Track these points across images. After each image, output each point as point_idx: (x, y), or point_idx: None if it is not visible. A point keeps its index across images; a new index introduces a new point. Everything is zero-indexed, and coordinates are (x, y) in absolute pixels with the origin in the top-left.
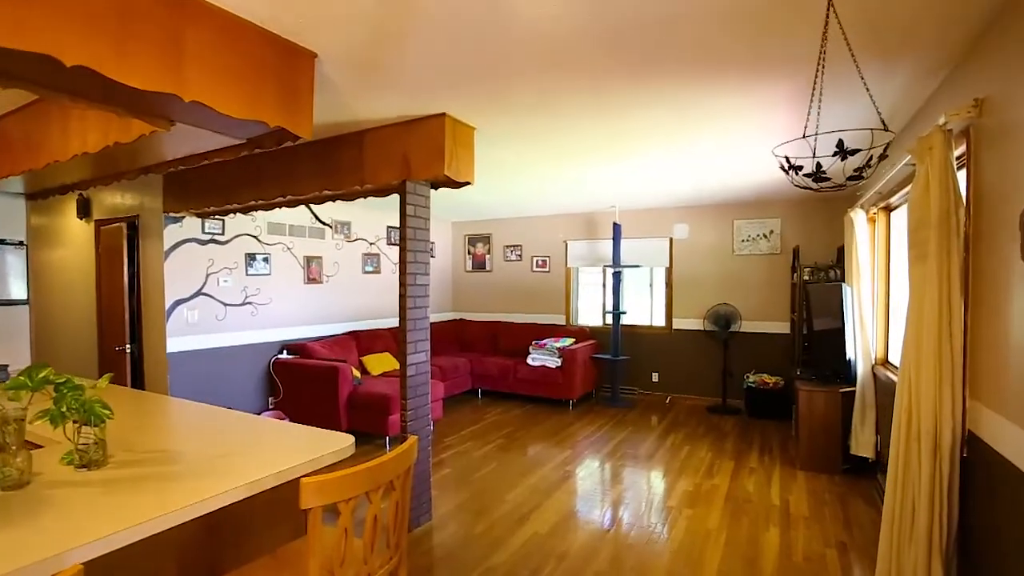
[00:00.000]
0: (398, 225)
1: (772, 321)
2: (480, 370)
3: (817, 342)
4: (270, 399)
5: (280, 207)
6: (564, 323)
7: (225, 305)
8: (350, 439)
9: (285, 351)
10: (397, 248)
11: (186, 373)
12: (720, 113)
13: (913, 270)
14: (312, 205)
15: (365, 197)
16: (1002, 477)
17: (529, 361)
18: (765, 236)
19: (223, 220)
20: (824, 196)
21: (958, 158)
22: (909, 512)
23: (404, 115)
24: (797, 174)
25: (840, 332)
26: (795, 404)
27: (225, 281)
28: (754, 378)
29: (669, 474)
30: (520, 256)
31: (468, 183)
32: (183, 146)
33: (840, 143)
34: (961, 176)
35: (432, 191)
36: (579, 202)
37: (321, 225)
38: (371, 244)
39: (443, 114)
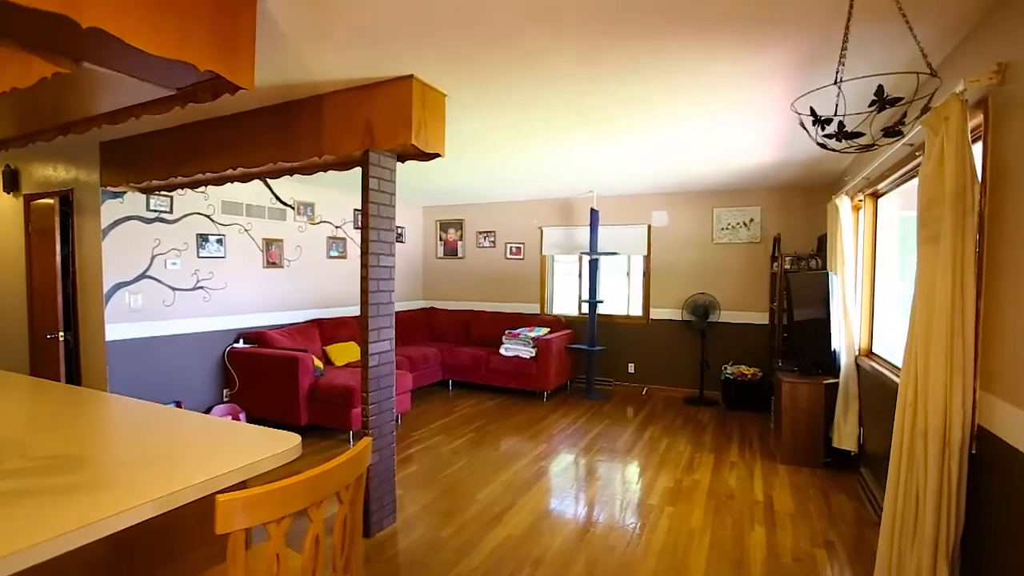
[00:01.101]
0: None
1: (751, 311)
2: (451, 361)
3: (798, 333)
4: (225, 391)
5: (232, 182)
6: (539, 312)
7: (174, 289)
8: (295, 439)
9: (241, 340)
10: None
11: (129, 363)
12: (710, 83)
13: (923, 252)
14: (270, 182)
15: (325, 171)
16: (1020, 473)
17: (502, 351)
18: (745, 224)
19: (171, 197)
20: (805, 184)
21: (972, 131)
22: (912, 513)
23: (367, 77)
24: (824, 129)
25: (822, 322)
26: (774, 396)
27: (174, 264)
28: (732, 369)
29: (648, 469)
30: (494, 243)
31: (438, 155)
32: (102, 97)
33: (880, 90)
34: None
35: (399, 164)
36: (556, 187)
37: (282, 206)
38: (337, 228)
39: (410, 76)
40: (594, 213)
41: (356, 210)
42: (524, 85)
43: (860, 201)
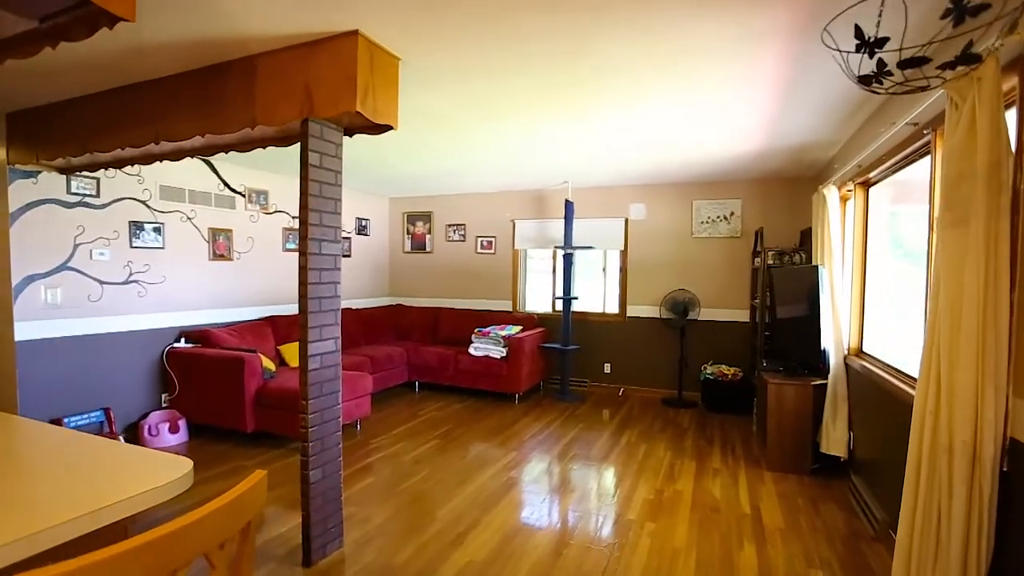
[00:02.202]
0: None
1: (731, 308)
2: (418, 360)
3: (782, 331)
4: (164, 396)
5: (160, 160)
6: (511, 310)
7: (102, 283)
8: (185, 466)
9: (183, 339)
10: None
11: (45, 366)
12: (696, 49)
13: (946, 238)
14: (217, 167)
15: (264, 147)
16: None
17: (471, 351)
18: (725, 218)
19: (96, 179)
20: (788, 175)
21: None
22: (933, 535)
23: (305, 32)
24: (875, 53)
25: (808, 320)
26: (757, 397)
27: (101, 254)
28: (712, 369)
29: (626, 479)
30: (463, 236)
31: (390, 127)
32: None
33: None
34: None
35: (349, 140)
36: (528, 177)
37: (231, 193)
38: (294, 218)
39: (355, 32)
40: (569, 205)
41: None
42: (489, 51)
43: (849, 191)
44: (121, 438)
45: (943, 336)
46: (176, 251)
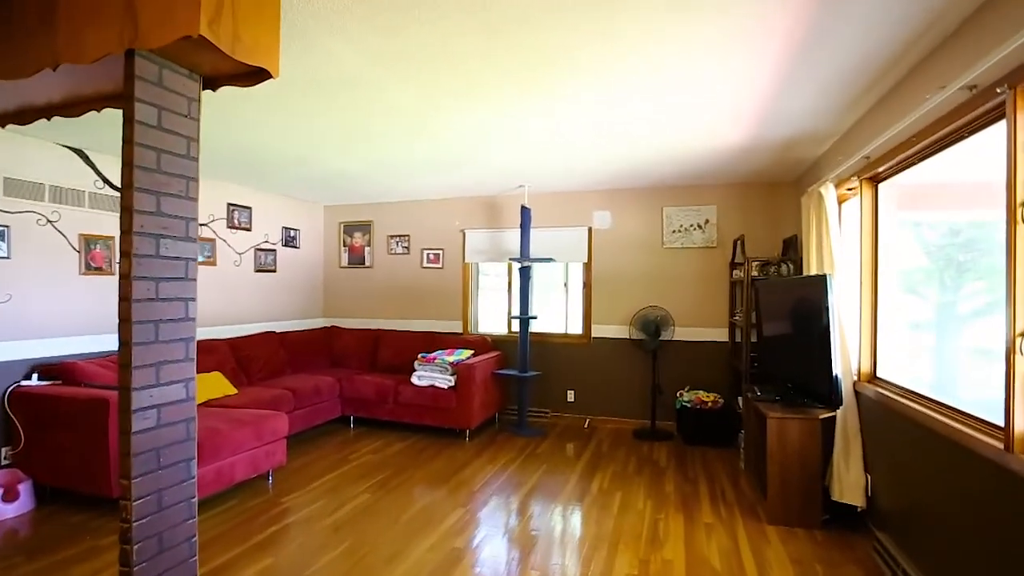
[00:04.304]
0: (243, 203)
1: (708, 327)
2: (352, 392)
3: (770, 352)
4: (4, 451)
5: None
6: (461, 331)
7: None
8: None
9: (35, 375)
10: (241, 232)
11: None
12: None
13: None
14: (92, 158)
15: (100, 108)
16: None
17: (414, 380)
18: (699, 226)
19: None
20: (768, 179)
21: None
22: None
23: None
24: None
25: (806, 339)
26: (745, 429)
27: None
28: (689, 396)
29: (602, 546)
30: (407, 248)
31: (265, 72)
32: None
33: None
34: None
35: (213, 95)
36: (480, 181)
37: (112, 191)
38: (202, 225)
39: None
40: (525, 212)
41: (232, 205)
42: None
43: (850, 190)
44: None
45: None
46: (27, 261)
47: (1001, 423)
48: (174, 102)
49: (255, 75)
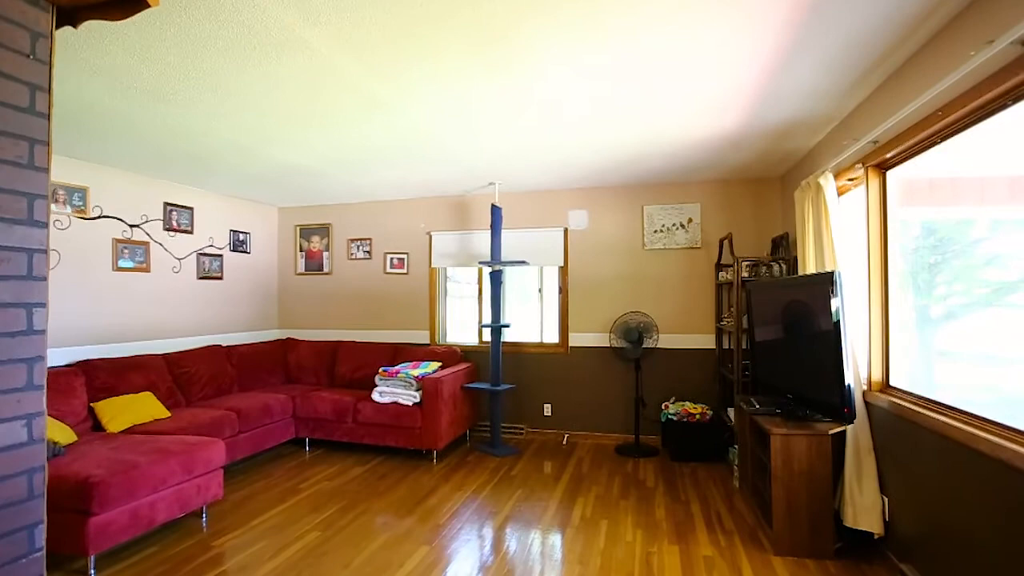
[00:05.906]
0: (183, 203)
1: (694, 333)
2: (307, 411)
3: (764, 359)
4: None
5: None
6: (428, 342)
7: None
8: None
9: None
10: (181, 235)
11: None
12: None
13: None
14: None
15: None
16: None
17: (375, 396)
18: (682, 225)
19: None
20: (754, 174)
21: None
22: None
23: None
24: None
25: (807, 344)
26: (738, 444)
27: None
28: (675, 407)
29: None
30: (369, 253)
31: (142, 2)
32: None
33: None
34: None
35: (75, 31)
36: (447, 179)
37: None
38: (132, 227)
39: None
40: (496, 211)
41: (169, 204)
42: None
43: (851, 180)
44: None
45: None
46: None
47: None
48: (9, 35)
49: (130, 4)
